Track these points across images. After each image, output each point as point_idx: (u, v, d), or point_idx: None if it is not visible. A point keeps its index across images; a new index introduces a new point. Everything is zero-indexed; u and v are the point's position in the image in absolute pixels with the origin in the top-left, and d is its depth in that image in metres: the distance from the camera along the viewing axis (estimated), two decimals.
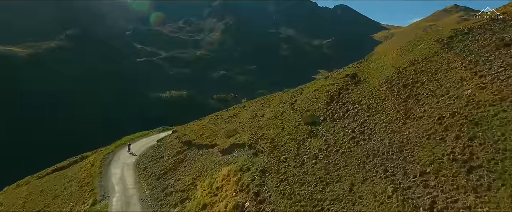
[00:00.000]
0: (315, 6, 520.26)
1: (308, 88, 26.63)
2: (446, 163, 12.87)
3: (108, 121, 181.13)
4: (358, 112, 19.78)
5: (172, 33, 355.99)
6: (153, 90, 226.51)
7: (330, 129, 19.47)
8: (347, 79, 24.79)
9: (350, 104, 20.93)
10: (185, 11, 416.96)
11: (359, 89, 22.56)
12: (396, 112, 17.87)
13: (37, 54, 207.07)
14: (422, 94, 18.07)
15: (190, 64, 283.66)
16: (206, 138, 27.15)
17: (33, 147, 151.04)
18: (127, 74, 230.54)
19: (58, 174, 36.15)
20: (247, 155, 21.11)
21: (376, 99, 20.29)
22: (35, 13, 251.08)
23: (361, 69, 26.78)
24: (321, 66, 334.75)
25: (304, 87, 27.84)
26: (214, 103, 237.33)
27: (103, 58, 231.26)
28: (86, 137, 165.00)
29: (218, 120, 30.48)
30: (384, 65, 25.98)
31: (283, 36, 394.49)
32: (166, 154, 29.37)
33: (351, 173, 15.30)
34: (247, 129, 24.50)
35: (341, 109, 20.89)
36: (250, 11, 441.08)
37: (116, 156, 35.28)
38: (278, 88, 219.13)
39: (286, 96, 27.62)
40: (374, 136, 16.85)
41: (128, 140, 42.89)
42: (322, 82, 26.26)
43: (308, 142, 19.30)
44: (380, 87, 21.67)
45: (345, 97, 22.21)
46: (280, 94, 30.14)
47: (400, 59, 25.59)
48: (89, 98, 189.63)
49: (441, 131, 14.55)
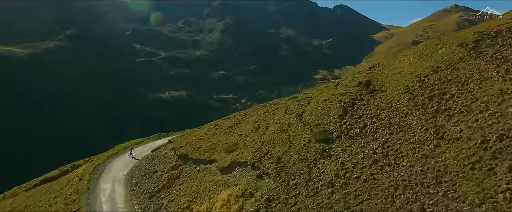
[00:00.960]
0: (315, 6, 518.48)
1: (316, 97, 24.04)
2: (502, 204, 10.30)
3: (107, 122, 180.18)
4: (378, 128, 17.20)
5: (171, 33, 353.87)
6: (153, 91, 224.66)
7: (346, 148, 16.86)
8: (361, 87, 22.25)
9: (367, 118, 18.36)
10: (184, 11, 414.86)
11: (376, 100, 20.01)
12: (424, 131, 15.30)
13: (36, 54, 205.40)
14: (454, 109, 15.48)
15: (190, 64, 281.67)
16: (203, 152, 24.58)
17: (32, 147, 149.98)
18: (126, 74, 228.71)
19: (45, 188, 33.52)
20: (249, 176, 18.51)
21: (397, 112, 17.74)
22: (35, 13, 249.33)
23: (375, 76, 24.24)
24: (321, 66, 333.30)
25: (312, 95, 25.19)
26: (214, 103, 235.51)
27: (102, 58, 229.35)
28: (85, 138, 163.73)
29: (217, 131, 27.89)
30: (401, 72, 23.43)
31: (283, 36, 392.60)
32: (160, 168, 26.78)
33: (378, 209, 12.71)
34: (249, 144, 21.92)
35: (357, 124, 18.30)
36: (249, 11, 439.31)
37: (108, 168, 32.68)
38: (278, 88, 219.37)
39: (292, 105, 25.03)
40: (401, 160, 14.24)
41: (121, 150, 40.25)
42: (332, 91, 23.68)
43: (321, 164, 16.68)
44: (400, 98, 19.12)
45: (360, 109, 19.64)
46: (285, 102, 27.51)
47: (419, 65, 23.04)
48: (88, 99, 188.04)
49: (488, 159, 11.93)
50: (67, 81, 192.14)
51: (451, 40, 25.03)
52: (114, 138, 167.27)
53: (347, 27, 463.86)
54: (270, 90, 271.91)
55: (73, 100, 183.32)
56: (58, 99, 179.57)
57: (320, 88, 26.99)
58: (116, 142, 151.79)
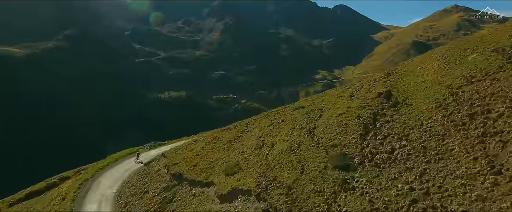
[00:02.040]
0: (315, 6, 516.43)
1: (329, 110, 21.02)
2: None
3: (106, 122, 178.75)
4: (410, 154, 14.19)
5: (171, 33, 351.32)
6: (152, 91, 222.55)
7: (372, 180, 13.78)
8: (381, 99, 19.26)
9: (395, 140, 15.34)
10: (184, 11, 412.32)
11: (402, 116, 17.01)
12: (472, 161, 12.31)
13: (34, 54, 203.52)
14: (509, 133, 12.51)
15: (189, 65, 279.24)
16: (200, 172, 21.53)
17: (30, 147, 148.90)
18: (125, 74, 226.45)
19: (27, 206, 30.54)
20: (254, 210, 15.51)
21: (432, 134, 14.72)
22: (34, 13, 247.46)
23: (396, 85, 21.23)
24: (321, 66, 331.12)
25: (323, 106, 22.18)
26: (214, 103, 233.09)
27: (101, 58, 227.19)
28: (83, 138, 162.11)
29: (216, 145, 24.80)
30: (425, 81, 20.34)
31: (283, 36, 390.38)
32: (151, 189, 23.73)
33: None
34: (252, 166, 18.87)
35: (383, 146, 15.28)
36: (249, 11, 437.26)
37: (96, 184, 29.58)
38: (277, 88, 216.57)
39: (300, 117, 22.00)
40: (449, 202, 11.18)
41: (111, 161, 37.10)
42: (347, 102, 20.69)
43: (342, 199, 13.60)
44: (431, 115, 16.09)
45: (384, 127, 16.63)
46: (292, 113, 24.44)
47: (447, 74, 19.95)
48: (86, 99, 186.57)
49: None
50: (65, 81, 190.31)
51: (481, 44, 22.09)
52: (113, 138, 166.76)
53: (347, 27, 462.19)
54: (270, 90, 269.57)
55: (71, 100, 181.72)
56: (56, 99, 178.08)
57: (332, 98, 23.89)
58: (115, 142, 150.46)
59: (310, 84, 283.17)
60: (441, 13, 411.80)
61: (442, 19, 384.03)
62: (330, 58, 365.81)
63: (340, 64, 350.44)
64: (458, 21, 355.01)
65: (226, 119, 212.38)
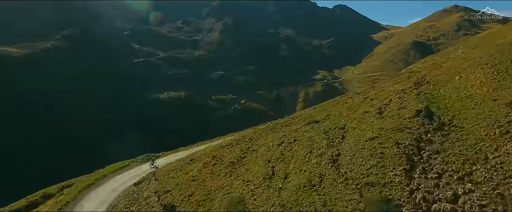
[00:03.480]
0: (315, 6, 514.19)
1: (354, 130, 17.22)
2: None
3: (105, 122, 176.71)
4: (484, 205, 10.38)
5: (170, 33, 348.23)
6: (151, 91, 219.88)
7: None
8: (422, 120, 15.44)
9: (455, 181, 11.47)
10: (183, 11, 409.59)
11: (454, 144, 13.18)
12: None
13: (32, 54, 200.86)
14: None
15: (189, 65, 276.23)
16: (197, 205, 17.58)
17: (28, 148, 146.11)
18: (124, 74, 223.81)
19: None
20: None
21: (507, 173, 10.98)
22: (33, 13, 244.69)
23: (434, 100, 17.44)
24: (321, 67, 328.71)
25: (344, 125, 18.34)
26: (213, 104, 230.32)
27: (100, 58, 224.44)
28: (82, 138, 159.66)
29: (215, 168, 20.88)
30: (472, 96, 16.46)
31: (283, 36, 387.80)
32: None
33: None
34: (262, 203, 14.82)
35: (440, 190, 11.37)
36: (249, 11, 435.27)
37: (78, 207, 25.79)
38: (277, 88, 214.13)
39: (318, 138, 18.20)
40: None
41: (99, 177, 33.32)
42: (378, 122, 16.89)
43: None
44: (497, 145, 12.23)
45: (434, 160, 12.77)
46: (304, 130, 20.59)
47: (500, 87, 16.09)
48: (85, 99, 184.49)
49: None
50: (64, 81, 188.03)
51: None
52: (111, 139, 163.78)
53: (346, 27, 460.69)
54: (270, 90, 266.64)
55: (70, 100, 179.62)
56: (54, 99, 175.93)
57: (352, 112, 20.03)
58: (114, 142, 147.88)
59: (310, 84, 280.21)
60: (441, 13, 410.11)
61: (442, 19, 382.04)
62: (329, 58, 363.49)
63: (340, 64, 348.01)
64: (458, 21, 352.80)
65: (226, 119, 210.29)
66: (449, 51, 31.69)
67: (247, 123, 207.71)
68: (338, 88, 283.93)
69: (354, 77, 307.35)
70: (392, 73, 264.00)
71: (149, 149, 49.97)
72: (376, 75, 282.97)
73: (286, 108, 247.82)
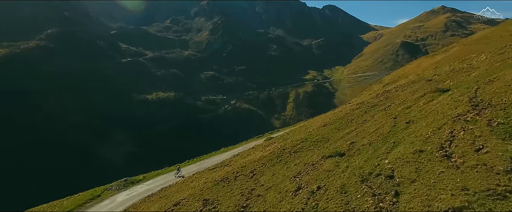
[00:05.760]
0: (304, 6, 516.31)
1: (413, 184, 11.92)
2: None
3: (91, 125, 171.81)
4: None
5: (158, 33, 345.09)
6: (139, 92, 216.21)
7: None
8: None
9: None
10: (172, 11, 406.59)
11: None
12: None
13: (14, 54, 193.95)
14: None
15: (178, 65, 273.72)
16: None
17: (10, 152, 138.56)
18: (111, 75, 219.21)
19: None
20: None
21: None
22: (16, 12, 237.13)
23: None
24: (311, 67, 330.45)
25: (392, 169, 13.33)
26: (203, 104, 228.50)
27: (85, 58, 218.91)
28: (68, 140, 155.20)
29: None
30: None
31: (272, 36, 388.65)
32: None
33: None
34: None
35: None
36: (238, 10, 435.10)
37: None
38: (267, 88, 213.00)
39: (356, 192, 13.06)
40: None
41: (81, 203, 31.08)
42: (452, 176, 11.35)
43: None
44: None
45: None
46: (326, 169, 15.71)
47: None
48: (71, 100, 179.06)
49: None
50: (48, 82, 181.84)
51: None
52: (99, 140, 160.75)
53: (335, 27, 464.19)
54: (259, 90, 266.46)
55: (55, 101, 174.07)
56: (39, 100, 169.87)
57: (400, 150, 14.66)
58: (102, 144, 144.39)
59: (300, 85, 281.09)
60: (428, 14, 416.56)
61: (429, 20, 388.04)
62: (319, 58, 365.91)
63: (329, 64, 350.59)
64: (445, 22, 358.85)
65: (216, 120, 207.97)
66: (452, 53, 30.50)
67: (238, 124, 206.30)
68: (328, 88, 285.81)
69: (344, 77, 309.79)
70: (382, 73, 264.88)
71: (130, 170, 47.33)
72: (365, 75, 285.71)
73: (277, 108, 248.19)
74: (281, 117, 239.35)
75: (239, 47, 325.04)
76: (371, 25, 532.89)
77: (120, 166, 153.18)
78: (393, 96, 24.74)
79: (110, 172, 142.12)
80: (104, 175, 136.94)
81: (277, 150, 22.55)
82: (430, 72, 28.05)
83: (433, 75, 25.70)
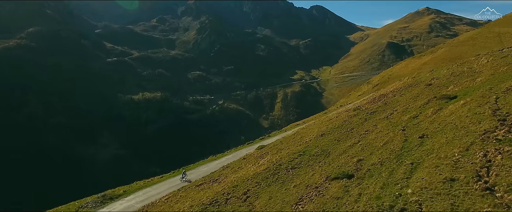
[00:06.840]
0: (291, 6, 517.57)
1: None
2: None
3: (76, 125, 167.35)
4: None
5: (145, 32, 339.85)
6: (125, 92, 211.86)
7: None
8: None
9: None
10: (158, 9, 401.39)
11: None
12: None
13: None
14: None
15: (164, 64, 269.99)
16: None
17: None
18: (96, 74, 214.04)
19: None
20: None
21: None
22: None
23: None
24: (298, 67, 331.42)
25: (420, 202, 10.99)
26: (190, 105, 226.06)
27: (70, 57, 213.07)
28: (52, 141, 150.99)
29: None
30: None
31: (260, 36, 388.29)
32: None
33: None
34: None
35: None
36: (226, 10, 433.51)
37: None
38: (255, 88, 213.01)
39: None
40: None
41: None
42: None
43: None
44: None
45: None
46: (334, 196, 13.98)
47: None
48: (54, 101, 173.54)
49: None
50: (31, 81, 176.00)
51: None
52: (84, 142, 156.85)
53: (323, 28, 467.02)
54: (247, 90, 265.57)
55: (38, 102, 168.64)
56: (20, 101, 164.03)
57: (424, 176, 12.62)
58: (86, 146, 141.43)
59: (288, 85, 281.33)
60: (413, 15, 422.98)
61: (414, 21, 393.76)
62: (307, 58, 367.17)
63: (317, 64, 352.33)
64: (430, 23, 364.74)
65: (204, 120, 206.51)
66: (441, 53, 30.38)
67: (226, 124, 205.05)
68: (316, 88, 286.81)
69: (332, 77, 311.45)
70: (369, 73, 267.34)
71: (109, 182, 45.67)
72: (353, 75, 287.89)
73: (265, 108, 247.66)
74: (269, 118, 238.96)
75: (227, 47, 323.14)
76: (357, 25, 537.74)
77: (105, 168, 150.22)
78: (392, 101, 23.90)
79: (94, 176, 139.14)
80: (89, 179, 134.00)
81: (272, 165, 20.58)
82: (427, 75, 27.49)
83: (431, 78, 24.75)
